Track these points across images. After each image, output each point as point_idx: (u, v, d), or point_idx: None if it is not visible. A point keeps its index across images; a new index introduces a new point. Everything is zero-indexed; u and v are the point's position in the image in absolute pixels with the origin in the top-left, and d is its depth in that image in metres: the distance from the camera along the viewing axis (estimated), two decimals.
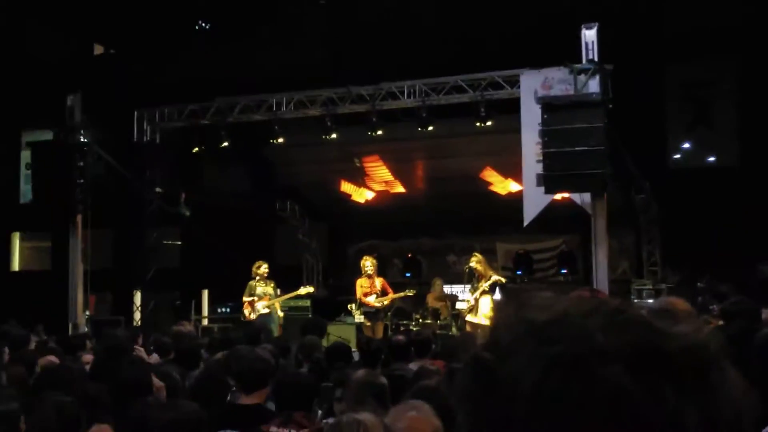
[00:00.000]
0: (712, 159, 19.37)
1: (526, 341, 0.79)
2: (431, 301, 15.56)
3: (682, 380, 0.75)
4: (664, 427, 0.73)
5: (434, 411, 3.26)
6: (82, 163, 14.13)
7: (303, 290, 14.70)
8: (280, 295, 14.08)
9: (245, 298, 13.94)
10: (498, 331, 0.83)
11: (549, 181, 11.09)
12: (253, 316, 13.50)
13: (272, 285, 13.94)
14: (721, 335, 0.84)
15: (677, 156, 19.41)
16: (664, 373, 0.75)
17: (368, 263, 13.97)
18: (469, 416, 0.80)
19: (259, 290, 13.84)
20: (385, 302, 13.95)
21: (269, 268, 14.10)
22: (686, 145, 19.49)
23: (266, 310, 13.70)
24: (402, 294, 14.58)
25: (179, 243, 22.22)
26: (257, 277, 13.87)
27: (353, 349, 8.09)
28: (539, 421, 0.75)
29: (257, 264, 14.02)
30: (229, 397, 5.04)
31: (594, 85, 11.42)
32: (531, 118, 11.70)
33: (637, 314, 0.81)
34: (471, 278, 13.25)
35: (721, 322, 6.57)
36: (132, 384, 4.61)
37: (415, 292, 15.51)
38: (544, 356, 0.76)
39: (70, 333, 12.60)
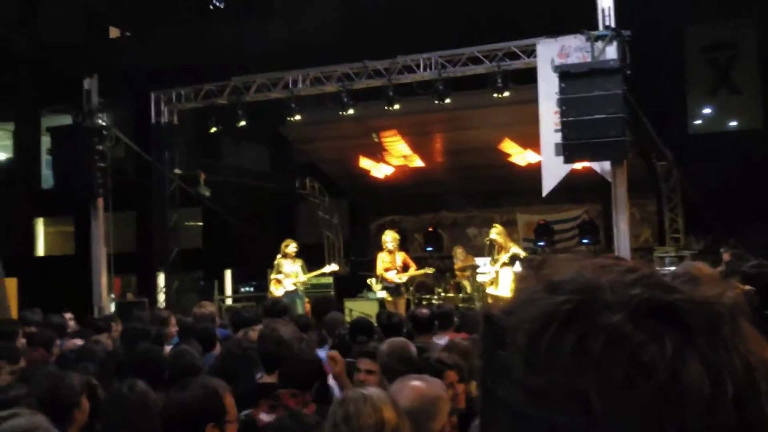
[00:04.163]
0: (734, 123, 19.12)
1: (536, 297, 0.79)
2: (458, 271, 15.42)
3: (689, 332, 0.73)
4: (663, 376, 0.71)
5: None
6: (101, 147, 14.21)
7: (328, 268, 14.75)
8: (307, 273, 14.13)
9: (272, 276, 14.03)
10: (518, 290, 0.84)
11: (568, 150, 11.02)
12: (279, 293, 13.56)
13: (300, 263, 13.98)
14: (741, 295, 0.81)
15: (698, 121, 19.18)
16: (669, 323, 0.73)
17: (389, 237, 13.90)
18: (479, 371, 0.82)
19: (287, 268, 13.89)
20: (405, 278, 13.90)
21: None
22: (707, 110, 19.24)
23: (293, 287, 13.78)
24: (422, 272, 14.50)
25: (200, 224, 22.39)
26: (285, 255, 13.92)
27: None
28: (534, 372, 0.74)
29: (285, 242, 14.08)
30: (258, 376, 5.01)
31: (611, 52, 11.30)
32: (548, 87, 11.59)
33: (651, 273, 0.79)
34: (491, 250, 13.20)
35: (748, 287, 6.50)
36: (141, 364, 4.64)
37: (435, 270, 15.44)
38: (544, 308, 0.76)
39: (95, 315, 12.69)
